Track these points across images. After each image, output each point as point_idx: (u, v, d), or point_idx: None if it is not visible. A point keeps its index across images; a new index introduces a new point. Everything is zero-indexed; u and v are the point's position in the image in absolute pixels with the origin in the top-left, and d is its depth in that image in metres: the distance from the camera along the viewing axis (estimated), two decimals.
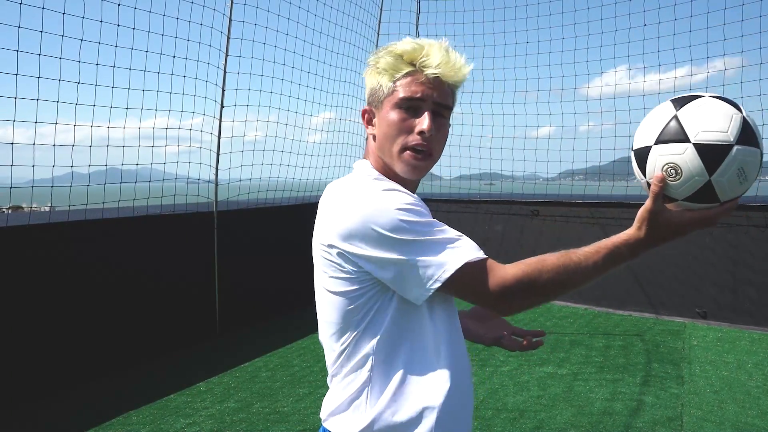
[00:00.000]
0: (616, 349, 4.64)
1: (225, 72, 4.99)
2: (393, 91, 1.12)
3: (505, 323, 1.35)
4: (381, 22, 7.26)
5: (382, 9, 7.22)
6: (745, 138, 0.96)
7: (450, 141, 6.90)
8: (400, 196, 1.07)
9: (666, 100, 1.07)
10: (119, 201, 4.28)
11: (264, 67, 5.39)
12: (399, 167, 1.13)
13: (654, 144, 1.01)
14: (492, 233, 6.74)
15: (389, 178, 1.18)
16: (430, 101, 1.11)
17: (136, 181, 4.47)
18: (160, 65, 4.45)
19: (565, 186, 7.40)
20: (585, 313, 5.84)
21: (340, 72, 6.45)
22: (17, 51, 3.50)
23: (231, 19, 4.95)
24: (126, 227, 4.35)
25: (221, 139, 5.06)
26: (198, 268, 4.93)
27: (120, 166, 4.30)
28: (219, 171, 5.07)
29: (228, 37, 4.95)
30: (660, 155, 1.00)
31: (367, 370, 1.11)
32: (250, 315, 5.37)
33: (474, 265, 1.03)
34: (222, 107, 5.01)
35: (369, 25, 6.94)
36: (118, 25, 4.08)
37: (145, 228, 4.52)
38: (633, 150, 1.08)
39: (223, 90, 5.01)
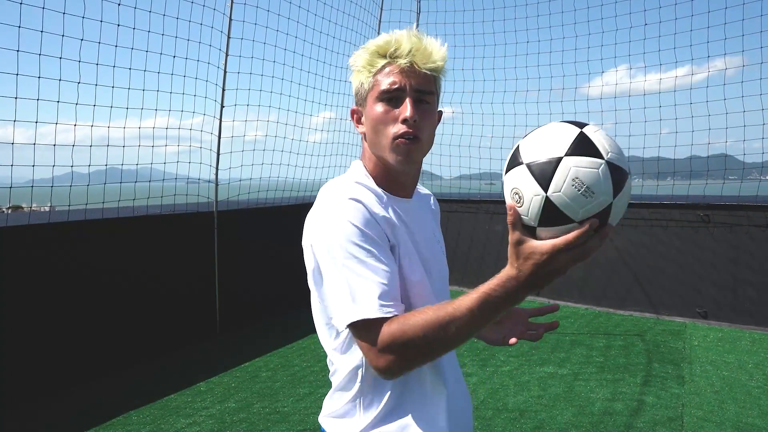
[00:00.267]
0: (616, 349, 4.64)
1: (225, 72, 4.99)
2: (373, 86, 1.14)
3: (521, 320, 1.31)
4: (381, 21, 7.26)
5: (382, 9, 7.22)
6: (579, 149, 0.90)
7: (450, 141, 6.84)
8: (353, 215, 1.05)
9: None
10: (119, 201, 4.28)
11: (264, 67, 5.41)
12: (391, 158, 1.13)
13: (504, 174, 1.01)
14: (492, 233, 6.74)
15: (383, 176, 1.18)
16: (408, 89, 1.11)
17: (136, 181, 4.47)
18: (160, 65, 4.46)
19: None
20: (585, 313, 5.83)
21: (340, 72, 6.45)
22: (17, 51, 3.50)
23: (231, 19, 4.95)
24: (126, 227, 4.34)
25: (221, 139, 5.06)
26: (198, 267, 4.93)
27: (120, 165, 4.30)
28: (219, 171, 5.07)
29: (228, 37, 4.95)
30: (507, 183, 0.98)
31: (358, 382, 1.14)
32: (250, 315, 5.38)
33: (357, 326, 1.00)
34: (222, 107, 5.01)
35: (369, 25, 6.94)
36: (118, 25, 4.08)
37: (146, 228, 4.52)
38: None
39: (224, 90, 5.01)
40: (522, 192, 0.93)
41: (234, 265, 5.15)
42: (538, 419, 3.35)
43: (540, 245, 0.90)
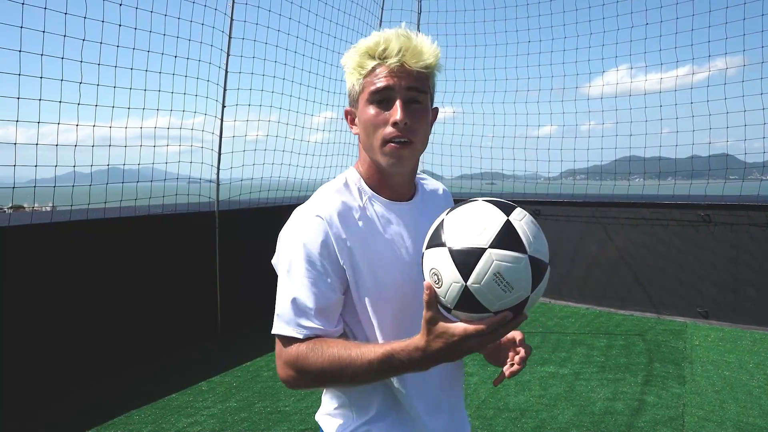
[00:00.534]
0: (617, 349, 4.64)
1: (226, 71, 5.00)
2: (363, 88, 1.13)
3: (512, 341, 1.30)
4: (382, 21, 7.26)
5: (383, 9, 7.22)
6: (503, 242, 0.89)
7: (451, 140, 6.83)
8: (307, 237, 1.10)
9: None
10: (121, 201, 4.29)
11: (265, 67, 5.44)
12: (383, 160, 1.12)
13: (424, 249, 0.99)
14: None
15: (376, 179, 1.18)
16: (398, 90, 1.09)
17: (138, 181, 4.48)
18: (161, 65, 4.47)
19: (567, 185, 7.39)
20: (586, 313, 5.83)
21: (340, 72, 6.37)
22: (20, 51, 3.50)
23: (232, 19, 4.96)
24: (128, 227, 4.35)
25: (222, 139, 5.06)
26: (199, 267, 4.93)
27: (122, 165, 4.30)
28: (220, 170, 5.08)
29: (229, 37, 4.96)
30: (427, 261, 0.96)
31: (347, 396, 1.18)
32: (251, 314, 5.37)
33: (278, 339, 1.11)
34: (223, 107, 5.01)
35: (370, 25, 6.94)
36: (119, 25, 4.09)
37: (147, 227, 4.53)
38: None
39: (225, 89, 5.01)
40: (441, 275, 0.92)
41: (235, 265, 5.16)
42: (539, 419, 3.36)
43: (452, 327, 0.92)
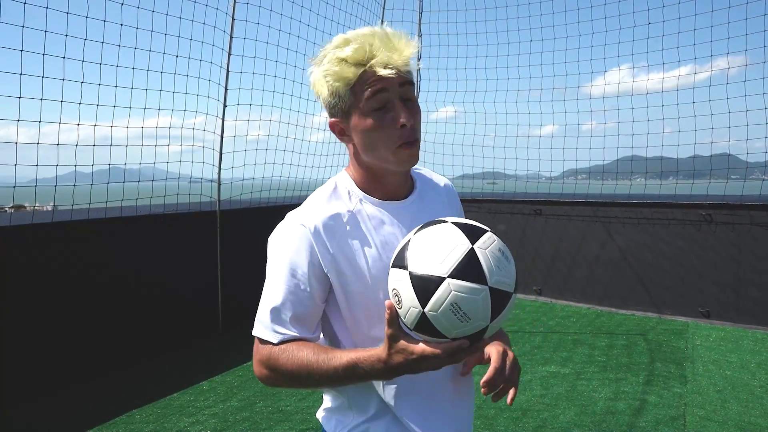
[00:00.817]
0: (619, 349, 4.63)
1: (228, 71, 5.00)
2: (355, 100, 1.08)
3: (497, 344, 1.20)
4: (383, 21, 7.25)
5: (384, 8, 7.22)
6: (463, 273, 0.88)
7: (452, 140, 6.83)
8: (292, 243, 1.10)
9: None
10: (122, 200, 4.29)
11: (266, 66, 5.41)
12: (397, 164, 1.12)
13: (391, 266, 0.98)
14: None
15: (370, 182, 1.17)
16: (393, 91, 1.07)
17: (139, 181, 4.48)
18: (163, 64, 4.47)
19: (568, 185, 7.37)
20: (588, 313, 5.83)
21: None
22: (21, 51, 3.51)
23: (234, 19, 4.96)
24: (129, 226, 4.35)
25: (224, 138, 5.07)
26: (201, 267, 4.94)
27: (123, 165, 4.30)
28: (222, 170, 5.08)
29: (231, 37, 4.96)
30: (391, 279, 0.96)
31: (345, 395, 1.17)
32: (252, 314, 5.31)
33: (256, 339, 1.14)
34: (225, 106, 5.01)
35: (372, 24, 6.92)
36: (121, 25, 4.09)
37: (148, 227, 4.53)
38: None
39: (226, 89, 5.01)
40: (401, 297, 0.92)
41: (236, 264, 5.16)
42: (540, 418, 3.35)
43: (411, 347, 0.93)
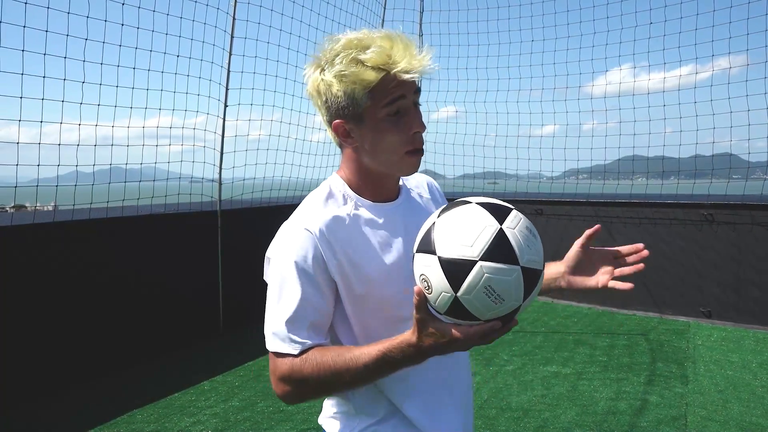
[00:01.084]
0: (620, 349, 4.63)
1: (229, 71, 5.00)
2: (373, 104, 1.06)
3: (608, 261, 1.30)
4: (384, 21, 7.25)
5: (385, 8, 7.22)
6: (494, 254, 0.87)
7: (453, 140, 6.83)
8: (296, 252, 1.06)
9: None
10: (123, 200, 4.29)
11: (267, 66, 5.41)
12: (401, 170, 1.13)
13: (415, 252, 0.96)
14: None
15: (365, 185, 1.16)
16: (409, 96, 1.08)
17: (140, 180, 4.49)
18: (164, 64, 4.48)
19: (570, 185, 7.38)
20: (589, 313, 5.82)
21: None
22: (22, 51, 3.51)
23: (235, 18, 4.96)
24: (130, 226, 4.36)
25: (225, 138, 5.07)
26: (202, 266, 4.94)
27: (124, 165, 4.31)
28: (222, 170, 5.08)
29: (232, 36, 4.96)
30: (417, 264, 0.95)
31: (351, 402, 1.16)
32: (253, 313, 5.35)
33: (272, 355, 1.07)
34: (226, 106, 5.01)
35: (373, 24, 6.93)
36: (122, 25, 4.09)
37: (149, 227, 4.53)
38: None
39: (227, 89, 5.01)
40: (431, 283, 0.91)
41: (237, 264, 5.16)
42: (541, 418, 3.35)
43: (443, 328, 0.91)
